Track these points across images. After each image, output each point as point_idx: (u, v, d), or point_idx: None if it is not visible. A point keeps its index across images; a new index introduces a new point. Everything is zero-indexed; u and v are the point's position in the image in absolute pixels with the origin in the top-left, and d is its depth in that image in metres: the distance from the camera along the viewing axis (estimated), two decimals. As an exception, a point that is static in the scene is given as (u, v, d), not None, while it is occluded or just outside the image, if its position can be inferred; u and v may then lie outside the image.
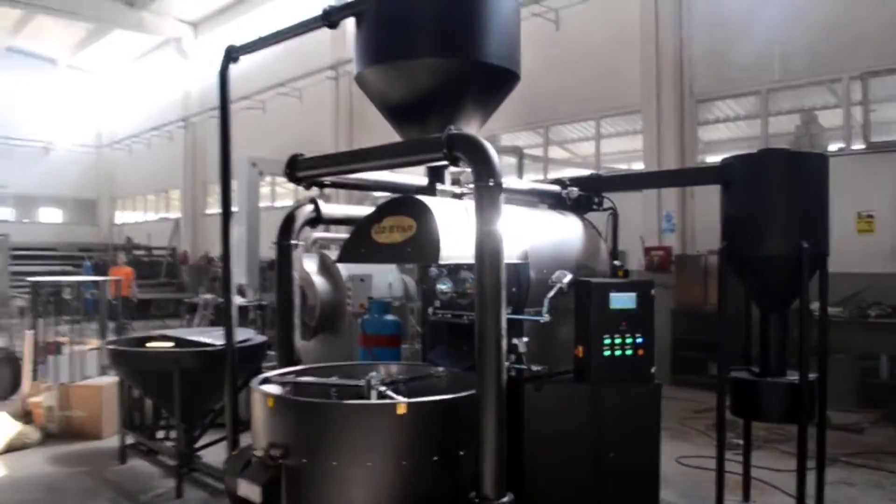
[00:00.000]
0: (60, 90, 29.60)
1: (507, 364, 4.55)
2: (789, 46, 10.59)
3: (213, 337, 6.39)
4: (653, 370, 4.82)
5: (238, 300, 12.54)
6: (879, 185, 9.78)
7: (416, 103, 4.65)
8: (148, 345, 6.68)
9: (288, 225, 5.30)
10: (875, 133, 10.05)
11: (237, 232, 8.51)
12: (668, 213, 11.54)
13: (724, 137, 12.50)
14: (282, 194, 20.88)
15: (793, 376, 5.08)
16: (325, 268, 9.22)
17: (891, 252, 9.62)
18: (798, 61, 10.58)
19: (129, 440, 6.92)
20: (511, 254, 4.64)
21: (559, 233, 5.29)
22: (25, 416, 7.72)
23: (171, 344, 6.50)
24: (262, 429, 4.12)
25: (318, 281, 9.07)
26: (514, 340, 4.56)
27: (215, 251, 21.93)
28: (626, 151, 13.50)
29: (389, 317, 7.14)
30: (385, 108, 4.85)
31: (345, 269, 8.79)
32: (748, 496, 5.61)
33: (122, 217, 30.61)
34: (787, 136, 11.05)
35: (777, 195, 4.98)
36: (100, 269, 21.92)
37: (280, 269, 5.30)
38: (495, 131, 14.73)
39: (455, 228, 4.25)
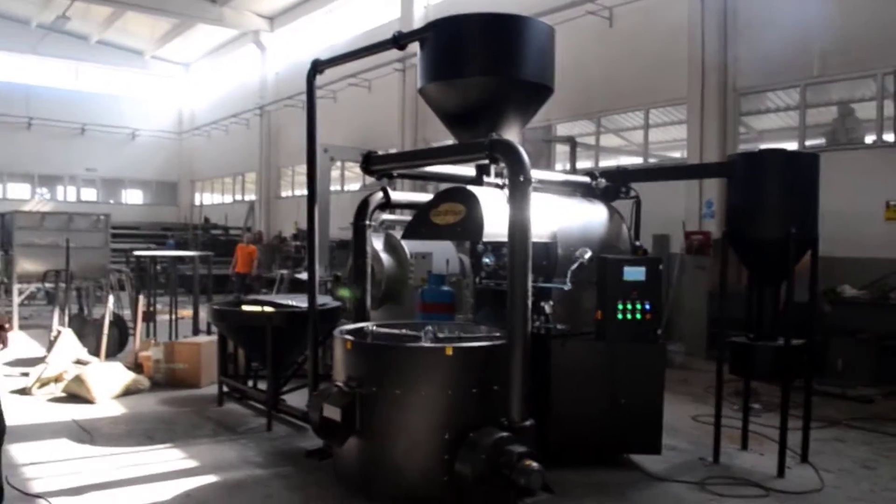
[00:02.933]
0: (146, 80, 31.75)
1: (536, 323, 5.71)
2: (827, 43, 11.21)
3: (297, 301, 7.68)
4: (658, 332, 5.83)
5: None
6: (907, 175, 10.38)
7: (466, 112, 5.74)
8: (244, 307, 8.04)
9: (363, 208, 6.49)
10: (906, 126, 10.63)
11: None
12: (710, 199, 12.31)
13: (774, 126, 13.13)
14: (349, 178, 22.23)
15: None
16: (391, 246, 10.40)
17: (916, 239, 10.24)
18: (835, 57, 11.19)
19: (225, 388, 8.25)
20: (542, 233, 5.73)
21: (586, 217, 6.32)
22: (137, 368, 9.16)
23: (262, 307, 7.80)
24: (342, 366, 5.33)
25: (385, 258, 10.26)
26: (542, 304, 5.66)
27: (287, 231, 23.51)
28: (674, 140, 14.27)
29: (445, 288, 8.26)
30: (442, 115, 5.96)
31: (408, 247, 9.95)
32: (745, 445, 6.54)
33: (200, 199, 32.59)
34: (826, 128, 11.71)
35: (772, 188, 5.91)
36: (181, 246, 23.80)
37: (356, 245, 6.50)
38: (552, 121, 15.67)
39: (496, 213, 5.34)
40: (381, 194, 6.48)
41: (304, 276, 14.67)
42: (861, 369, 9.54)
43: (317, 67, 6.60)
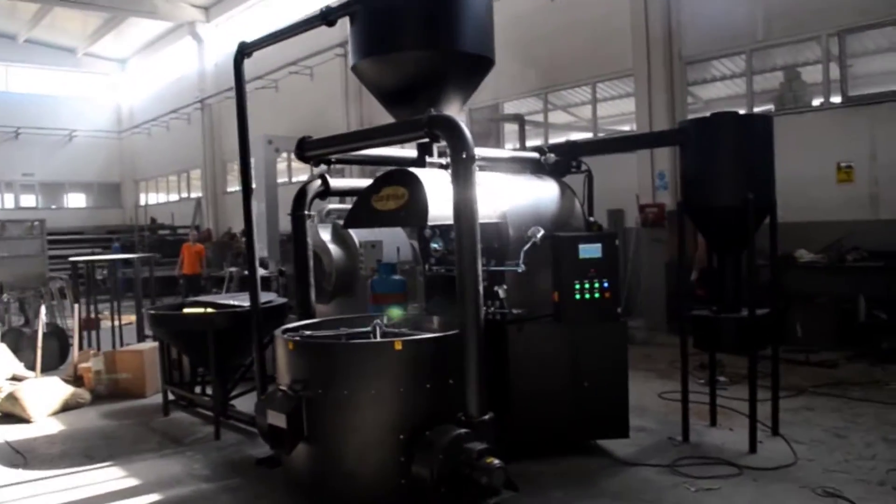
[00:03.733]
0: (80, 79, 30.55)
1: (491, 309, 5.41)
2: (771, 7, 11.10)
3: (239, 301, 7.25)
4: (619, 310, 5.58)
5: (261, 272, 13.45)
6: (857, 136, 10.32)
7: (404, 89, 5.38)
8: (185, 310, 7.58)
9: (300, 198, 6.08)
10: (852, 87, 10.57)
11: (256, 207, 9.30)
12: (662, 171, 12.16)
13: (722, 95, 13.00)
14: (297, 169, 21.65)
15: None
16: (339, 236, 10.00)
17: (868, 200, 10.20)
18: (780, 22, 11.09)
19: (170, 396, 7.80)
20: (491, 214, 5.41)
21: (536, 195, 6.03)
22: (77, 380, 8.64)
23: (203, 309, 7.36)
24: (285, 368, 4.96)
25: (333, 249, 9.85)
26: (496, 288, 5.36)
27: (237, 227, 22.85)
28: (623, 114, 14.08)
29: (396, 277, 7.91)
30: (379, 93, 5.59)
31: (357, 237, 9.57)
32: (714, 421, 6.36)
33: (145, 199, 31.61)
34: (774, 93, 11.62)
35: (725, 153, 5.68)
36: (127, 249, 22.96)
37: (295, 236, 6.10)
38: (499, 100, 15.37)
39: (441, 194, 5.00)
40: (319, 182, 6.09)
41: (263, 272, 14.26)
42: (822, 334, 9.50)
43: (244, 51, 6.15)
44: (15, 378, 8.67)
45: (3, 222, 14.01)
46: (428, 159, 5.57)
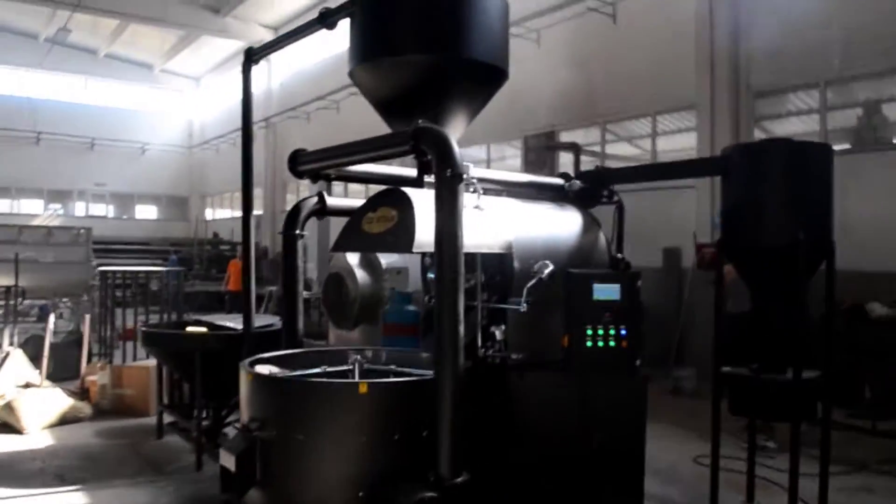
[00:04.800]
0: (156, 94, 31.43)
1: (489, 351, 4.75)
2: (851, 35, 10.11)
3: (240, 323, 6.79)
4: (637, 363, 4.82)
5: (305, 293, 13.08)
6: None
7: (401, 98, 4.83)
8: (187, 329, 7.17)
9: (293, 216, 5.59)
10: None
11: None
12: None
13: (798, 131, 11.97)
14: (354, 192, 21.43)
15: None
16: (367, 260, 9.48)
17: (956, 251, 9.06)
18: (860, 50, 10.09)
19: (171, 418, 7.39)
20: (493, 243, 4.76)
21: (551, 225, 5.35)
22: (83, 393, 8.35)
23: (204, 329, 6.93)
24: (245, 403, 4.42)
25: (360, 273, 9.34)
26: (492, 328, 4.69)
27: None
28: (686, 149, 13.18)
29: (410, 307, 7.32)
30: (376, 103, 5.06)
31: (385, 262, 9.04)
32: (752, 497, 5.48)
33: (210, 214, 32.08)
34: (852, 130, 10.60)
35: (774, 185, 4.86)
36: (184, 262, 23.14)
37: (286, 258, 5.60)
38: (555, 127, 14.70)
39: (428, 219, 4.39)
40: (315, 199, 5.59)
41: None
42: (894, 399, 8.37)
43: (251, 56, 5.79)
44: (27, 386, 8.45)
45: (49, 229, 14.13)
46: (427, 179, 4.97)
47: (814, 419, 5.02)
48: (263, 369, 4.73)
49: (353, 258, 9.65)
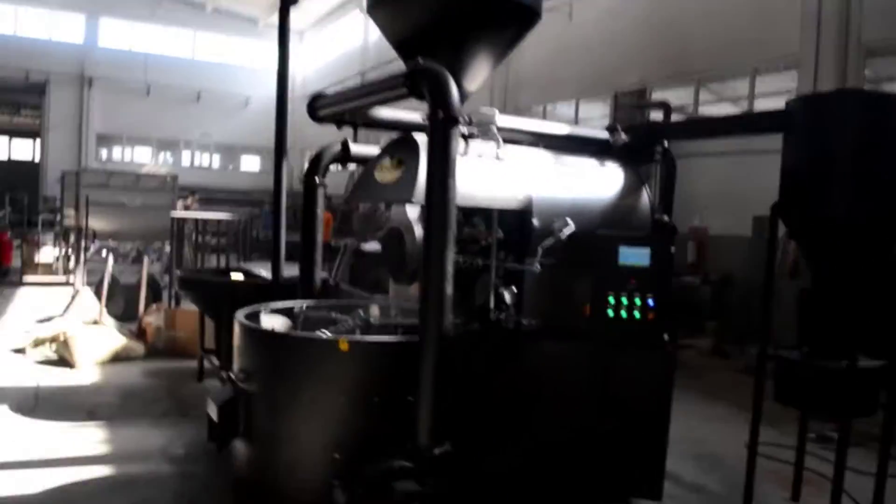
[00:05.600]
0: (259, 47, 32.01)
1: (501, 315, 4.38)
2: None
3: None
4: (665, 336, 4.32)
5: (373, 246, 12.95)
6: None
7: (419, 38, 4.44)
8: (231, 277, 7.16)
9: (315, 163, 5.35)
10: None
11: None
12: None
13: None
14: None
15: (863, 361, 4.30)
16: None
17: None
18: None
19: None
20: (510, 198, 4.36)
21: (584, 181, 4.86)
22: (140, 334, 8.56)
23: (240, 276, 6.88)
24: (235, 354, 4.25)
25: (418, 229, 9.10)
26: (501, 290, 4.31)
27: (379, 202, 22.77)
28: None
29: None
30: (395, 45, 4.68)
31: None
32: (798, 494, 4.90)
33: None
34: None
35: (846, 143, 4.15)
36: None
37: (306, 206, 5.37)
38: (647, 83, 13.80)
39: None
40: (338, 146, 5.31)
41: (370, 246, 13.79)
42: None
43: (288, 0, 5.53)
44: (95, 323, 8.75)
45: (137, 175, 14.62)
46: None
47: (871, 415, 4.36)
48: (270, 320, 4.56)
49: (412, 212, 9.39)
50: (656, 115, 13.72)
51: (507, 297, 4.29)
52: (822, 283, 4.46)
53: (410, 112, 4.94)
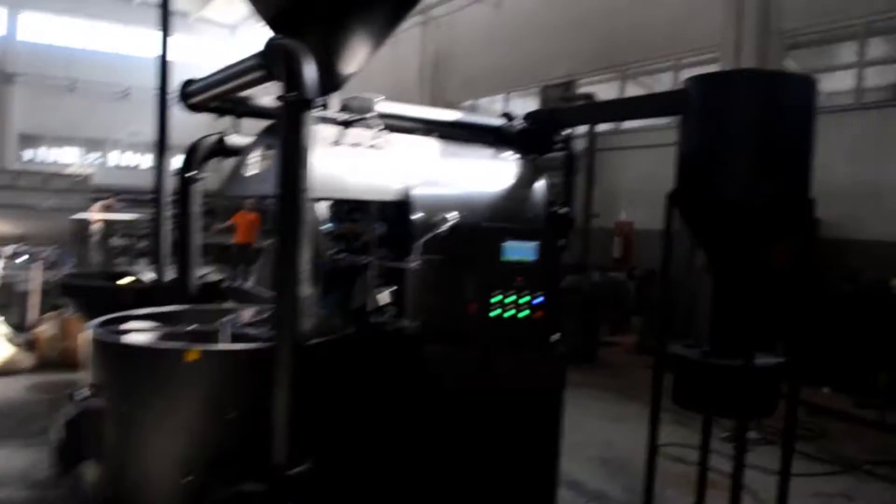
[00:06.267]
0: (190, 42, 31.04)
1: (381, 318, 4.06)
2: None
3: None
4: (554, 337, 4.05)
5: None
6: None
7: (291, 14, 4.07)
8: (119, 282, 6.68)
9: (190, 157, 4.94)
10: None
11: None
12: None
13: (847, 88, 10.66)
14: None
15: (761, 359, 4.09)
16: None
17: None
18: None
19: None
20: (388, 189, 4.03)
21: (474, 171, 4.55)
22: (29, 344, 7.98)
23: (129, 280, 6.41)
24: (89, 366, 3.84)
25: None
26: (377, 290, 3.98)
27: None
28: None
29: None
30: (268, 21, 4.30)
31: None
32: (702, 499, 4.68)
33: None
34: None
35: (740, 124, 3.91)
36: (208, 214, 22.83)
37: (181, 204, 4.96)
38: (574, 76, 13.64)
39: (316, 159, 3.70)
40: (215, 137, 4.91)
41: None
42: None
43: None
44: (-9, 334, 8.13)
45: (48, 174, 13.92)
46: (321, 113, 4.21)
47: (770, 414, 4.16)
48: (135, 329, 4.14)
49: (321, 208, 9.02)
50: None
51: (385, 297, 3.96)
52: (719, 276, 4.26)
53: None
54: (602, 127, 12.33)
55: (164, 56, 5.25)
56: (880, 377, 7.36)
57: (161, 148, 5.37)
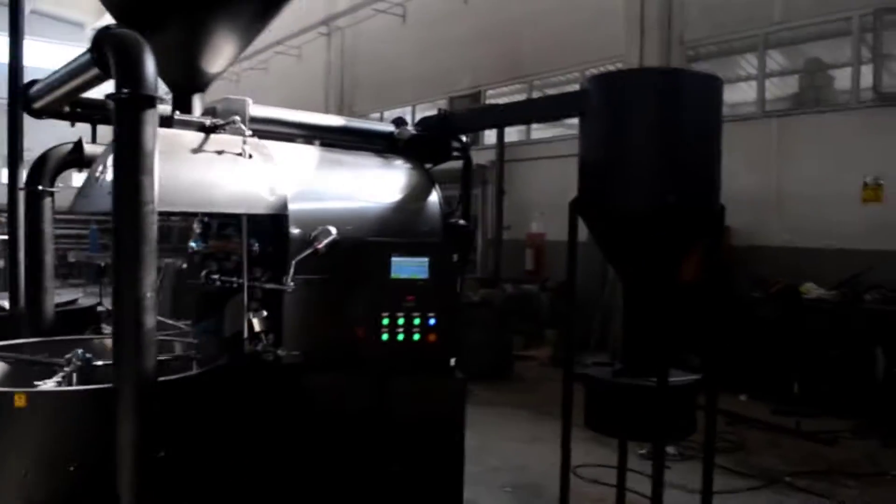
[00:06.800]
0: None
1: (258, 347, 3.60)
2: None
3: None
4: (452, 361, 3.68)
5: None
6: (891, 145, 8.16)
7: (143, 7, 3.58)
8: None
9: (38, 168, 4.35)
10: (889, 83, 8.41)
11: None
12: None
13: (748, 99, 10.75)
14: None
15: (676, 376, 3.81)
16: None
17: (900, 225, 8.04)
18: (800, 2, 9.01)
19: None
20: (257, 202, 3.57)
21: (361, 181, 4.15)
22: None
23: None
24: None
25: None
26: (249, 315, 3.52)
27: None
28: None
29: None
30: (116, 16, 3.78)
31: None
32: (618, 522, 4.40)
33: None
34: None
35: (642, 128, 3.65)
36: (108, 232, 21.70)
37: (29, 220, 4.36)
38: (481, 86, 13.50)
39: (180, 168, 3.24)
40: (70, 146, 4.35)
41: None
42: (825, 393, 7.36)
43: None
44: None
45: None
46: (179, 116, 3.73)
47: (688, 437, 3.91)
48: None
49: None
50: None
51: (257, 323, 3.51)
52: (629, 289, 3.99)
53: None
54: (512, 137, 12.18)
55: (14, 57, 4.63)
56: (794, 385, 7.36)
57: (13, 160, 4.74)
